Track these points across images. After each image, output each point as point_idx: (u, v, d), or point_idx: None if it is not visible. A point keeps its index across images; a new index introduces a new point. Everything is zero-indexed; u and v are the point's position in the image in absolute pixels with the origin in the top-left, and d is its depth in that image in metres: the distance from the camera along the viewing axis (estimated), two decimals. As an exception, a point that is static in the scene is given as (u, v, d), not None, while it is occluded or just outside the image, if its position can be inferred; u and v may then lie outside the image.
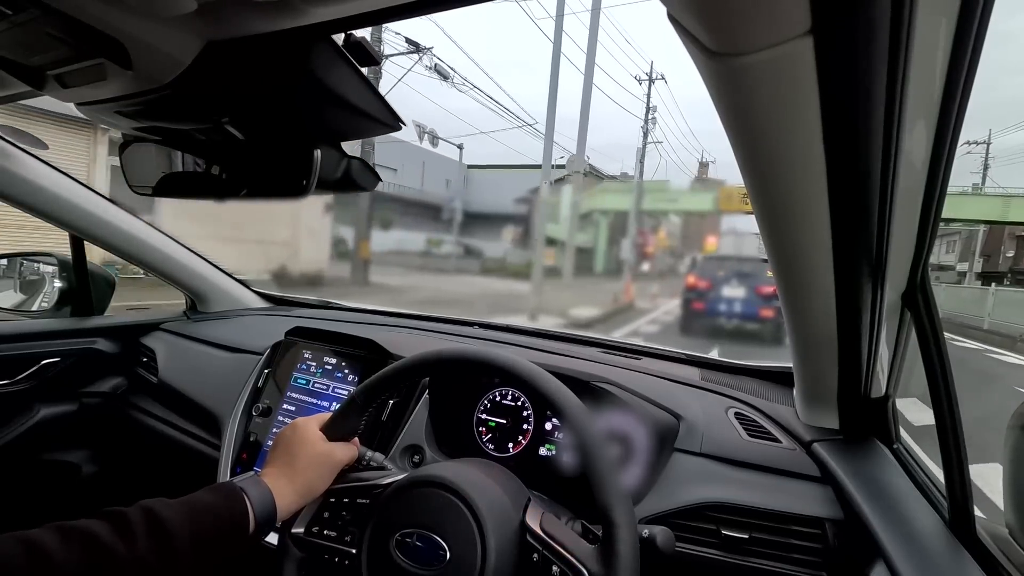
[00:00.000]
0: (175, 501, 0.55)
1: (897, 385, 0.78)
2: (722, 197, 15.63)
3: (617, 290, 11.72)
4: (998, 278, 22.77)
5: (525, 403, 0.96)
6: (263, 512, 0.59)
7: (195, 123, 0.60)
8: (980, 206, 19.20)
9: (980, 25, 0.38)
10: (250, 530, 0.58)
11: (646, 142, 20.09)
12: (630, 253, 14.59)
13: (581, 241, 15.90)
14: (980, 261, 25.39)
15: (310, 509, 0.68)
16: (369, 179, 0.64)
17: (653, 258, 16.17)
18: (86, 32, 0.46)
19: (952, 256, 28.73)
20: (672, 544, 0.62)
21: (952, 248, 29.11)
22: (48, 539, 0.46)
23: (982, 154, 26.05)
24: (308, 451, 0.66)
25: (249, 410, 1.12)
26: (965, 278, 22.77)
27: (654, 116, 20.29)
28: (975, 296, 14.02)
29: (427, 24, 17.87)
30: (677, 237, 17.14)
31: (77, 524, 0.49)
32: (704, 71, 0.38)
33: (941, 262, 28.99)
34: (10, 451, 1.25)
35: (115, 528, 0.50)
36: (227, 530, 0.56)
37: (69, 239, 1.32)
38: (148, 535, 0.50)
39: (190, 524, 0.53)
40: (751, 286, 6.95)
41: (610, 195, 18.52)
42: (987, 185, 25.59)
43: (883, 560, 0.61)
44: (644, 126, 19.98)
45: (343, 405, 0.71)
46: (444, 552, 0.58)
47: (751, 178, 0.47)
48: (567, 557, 0.57)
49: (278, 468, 0.65)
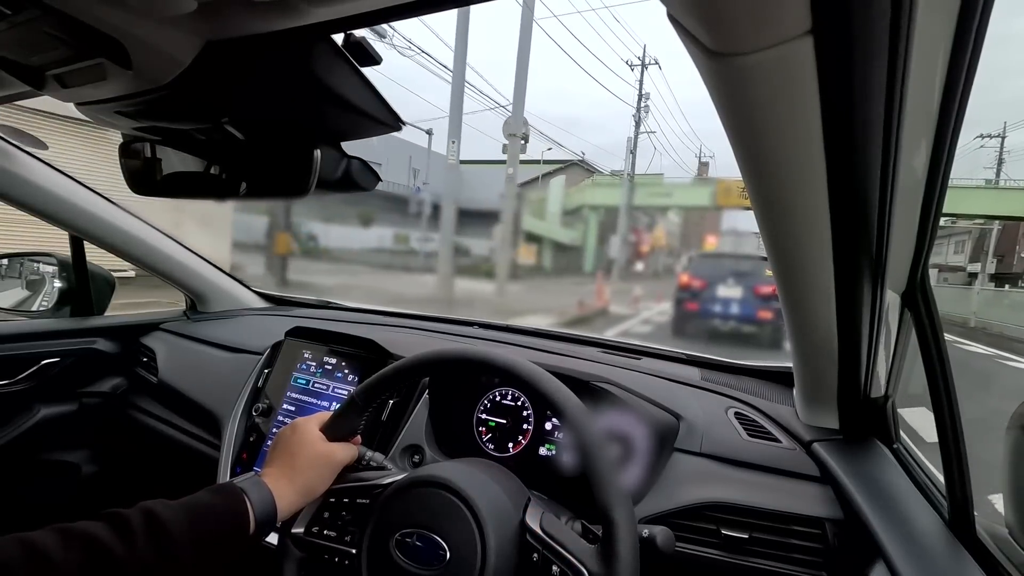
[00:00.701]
0: (175, 502, 0.55)
1: (897, 385, 0.78)
2: (720, 192, 14.95)
3: (586, 293, 10.36)
4: (1013, 279, 21.66)
5: (525, 403, 0.96)
6: (263, 513, 0.59)
7: (195, 123, 0.60)
8: (995, 201, 18.03)
9: (980, 25, 0.38)
10: (250, 531, 0.58)
11: (638, 132, 19.16)
12: (620, 251, 13.82)
13: (569, 238, 15.32)
14: (994, 262, 22.98)
15: (310, 509, 0.68)
16: (369, 179, 0.64)
17: (648, 257, 15.40)
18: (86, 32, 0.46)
19: (961, 256, 26.80)
20: (672, 544, 0.62)
21: (961, 248, 27.37)
22: (48, 541, 0.46)
23: (996, 147, 24.67)
24: (308, 451, 0.66)
25: (249, 410, 1.12)
26: (977, 279, 21.03)
27: (647, 104, 19.54)
28: (988, 299, 13.60)
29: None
30: (677, 236, 16.54)
31: (77, 526, 0.49)
32: (704, 71, 0.38)
33: (950, 262, 27.07)
34: (10, 451, 1.25)
35: (115, 530, 0.50)
36: (227, 531, 0.56)
37: (69, 239, 1.32)
38: (148, 537, 0.50)
39: (190, 525, 0.53)
40: (748, 286, 6.51)
41: (600, 190, 17.68)
42: (1001, 180, 24.18)
43: (883, 560, 0.61)
44: (636, 114, 19.30)
45: (343, 405, 0.71)
46: (444, 552, 0.58)
47: (751, 178, 0.47)
48: (567, 557, 0.57)
49: (278, 468, 0.65)
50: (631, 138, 19.04)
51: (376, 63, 0.51)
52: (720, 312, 6.72)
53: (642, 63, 19.09)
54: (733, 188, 13.55)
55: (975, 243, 24.93)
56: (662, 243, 15.89)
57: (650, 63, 19.23)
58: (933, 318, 0.63)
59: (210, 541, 0.54)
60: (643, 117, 19.43)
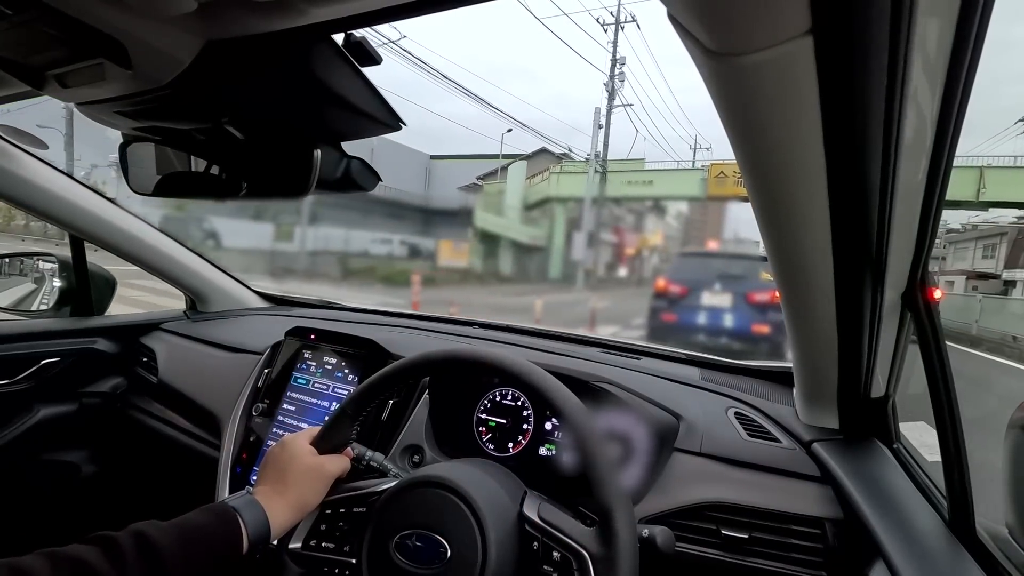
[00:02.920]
0: (166, 523, 0.55)
1: (897, 385, 0.78)
2: (712, 179, 12.30)
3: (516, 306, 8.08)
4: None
5: (525, 403, 0.96)
6: (256, 532, 0.59)
7: (195, 123, 0.60)
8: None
9: (980, 25, 0.38)
10: (243, 550, 0.58)
11: (612, 104, 14.82)
12: (585, 252, 11.13)
13: (530, 237, 12.63)
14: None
15: (306, 523, 0.68)
16: (369, 179, 0.64)
17: (632, 261, 12.61)
18: (86, 32, 0.46)
19: (993, 262, 20.49)
20: (672, 544, 0.62)
21: (991, 252, 21.16)
22: (38, 566, 0.46)
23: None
24: (298, 465, 0.66)
25: (249, 410, 1.12)
26: (1016, 288, 16.84)
27: (622, 71, 15.00)
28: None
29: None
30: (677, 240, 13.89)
31: (67, 550, 0.49)
32: (704, 71, 0.38)
33: (977, 268, 20.52)
34: (10, 451, 1.25)
35: (105, 554, 0.49)
36: (220, 551, 0.56)
37: (69, 239, 1.32)
38: (139, 560, 0.50)
39: (181, 547, 0.53)
40: (740, 292, 5.09)
41: (569, 179, 14.68)
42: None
43: (883, 560, 0.61)
44: (609, 82, 14.90)
45: (332, 417, 0.71)
46: (444, 550, 0.58)
47: (751, 177, 0.47)
48: (567, 541, 0.57)
49: (270, 485, 0.65)
50: (598, 108, 14.51)
51: (376, 63, 0.52)
52: (705, 325, 5.25)
53: (616, 21, 15.25)
54: (728, 175, 11.38)
55: (1013, 244, 19.46)
56: (650, 244, 13.12)
57: (627, 21, 15.45)
58: (933, 318, 0.63)
59: (202, 563, 0.54)
60: (618, 87, 14.99)
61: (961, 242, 22.68)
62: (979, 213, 17.92)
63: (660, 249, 12.75)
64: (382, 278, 10.12)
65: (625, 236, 12.33)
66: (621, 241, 12.29)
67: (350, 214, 10.83)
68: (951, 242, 22.77)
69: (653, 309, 5.55)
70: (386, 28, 7.83)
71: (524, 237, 12.66)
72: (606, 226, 12.41)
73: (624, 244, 12.30)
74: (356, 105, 0.54)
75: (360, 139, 0.60)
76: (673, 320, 5.37)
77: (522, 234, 12.68)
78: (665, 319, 5.40)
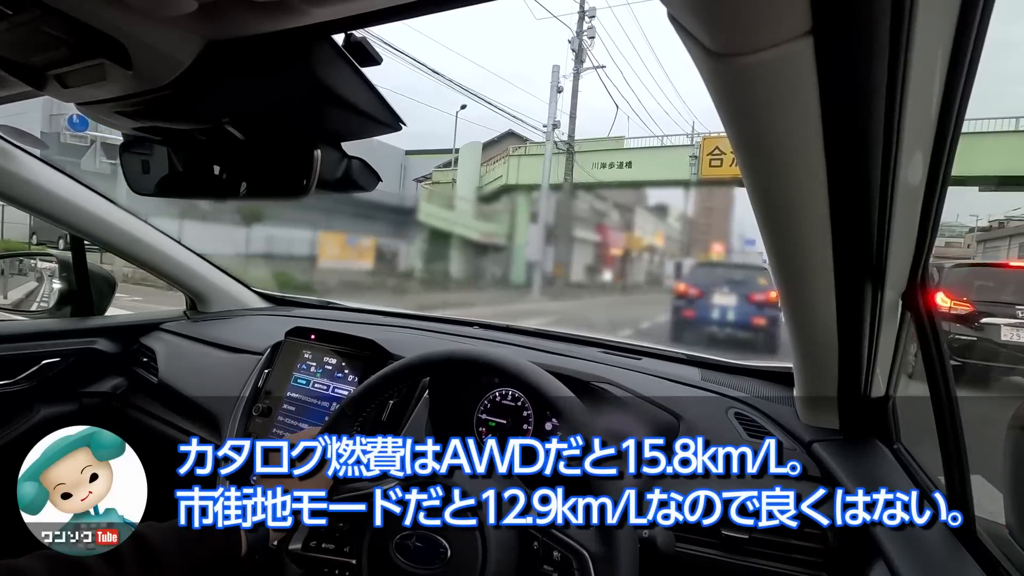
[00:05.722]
0: (165, 524, 0.55)
1: (897, 385, 0.78)
2: (705, 155, 10.17)
3: None
4: None
5: (525, 403, 0.95)
6: (255, 534, 0.59)
7: (195, 123, 0.60)
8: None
9: (980, 25, 0.38)
10: (242, 552, 0.58)
11: (580, 65, 11.70)
12: (543, 251, 9.56)
13: (483, 234, 10.62)
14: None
15: None
16: (369, 179, 0.64)
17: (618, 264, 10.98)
18: (86, 32, 0.46)
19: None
20: (672, 544, 0.63)
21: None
22: (36, 568, 0.46)
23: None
24: None
25: (249, 410, 1.12)
26: None
27: (591, 26, 11.86)
28: None
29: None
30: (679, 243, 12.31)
31: None
32: (704, 71, 0.38)
33: None
34: (10, 451, 1.25)
35: (103, 555, 0.49)
36: (218, 553, 0.56)
37: (69, 239, 1.32)
38: (137, 562, 0.50)
39: (180, 548, 0.53)
40: (743, 294, 6.79)
41: (530, 161, 11.93)
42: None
43: (883, 560, 0.61)
44: (575, 39, 11.77)
45: (332, 418, 0.71)
46: (445, 550, 0.58)
47: (752, 177, 0.47)
48: (567, 541, 0.57)
49: None
50: (557, 67, 11.52)
51: (376, 63, 0.51)
52: (716, 319, 6.92)
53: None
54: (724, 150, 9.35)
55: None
56: (642, 245, 11.66)
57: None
58: (933, 318, 0.63)
59: (200, 564, 0.54)
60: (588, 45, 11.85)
61: (992, 240, 19.99)
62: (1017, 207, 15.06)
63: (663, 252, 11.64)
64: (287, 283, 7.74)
65: (610, 235, 10.94)
66: (605, 240, 10.85)
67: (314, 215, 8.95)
68: (980, 241, 20.60)
69: (675, 307, 7.43)
70: (378, 27, 6.55)
71: (476, 234, 10.66)
72: (585, 221, 10.60)
73: (608, 244, 10.89)
74: (356, 105, 0.54)
75: (360, 139, 0.60)
76: (691, 316, 7.10)
77: (474, 230, 10.66)
78: (685, 315, 7.20)
